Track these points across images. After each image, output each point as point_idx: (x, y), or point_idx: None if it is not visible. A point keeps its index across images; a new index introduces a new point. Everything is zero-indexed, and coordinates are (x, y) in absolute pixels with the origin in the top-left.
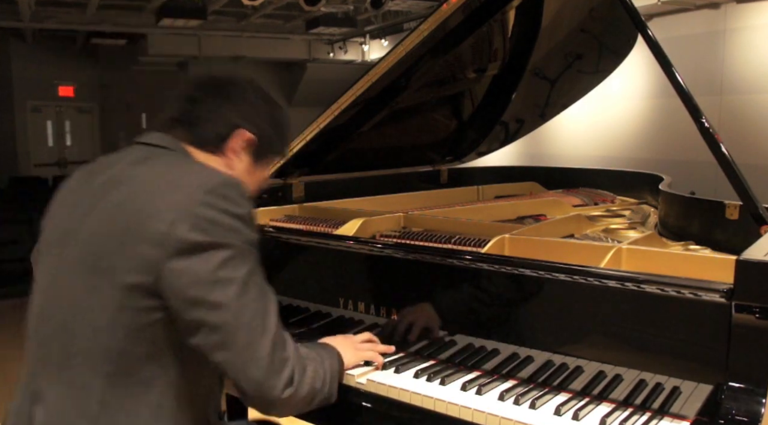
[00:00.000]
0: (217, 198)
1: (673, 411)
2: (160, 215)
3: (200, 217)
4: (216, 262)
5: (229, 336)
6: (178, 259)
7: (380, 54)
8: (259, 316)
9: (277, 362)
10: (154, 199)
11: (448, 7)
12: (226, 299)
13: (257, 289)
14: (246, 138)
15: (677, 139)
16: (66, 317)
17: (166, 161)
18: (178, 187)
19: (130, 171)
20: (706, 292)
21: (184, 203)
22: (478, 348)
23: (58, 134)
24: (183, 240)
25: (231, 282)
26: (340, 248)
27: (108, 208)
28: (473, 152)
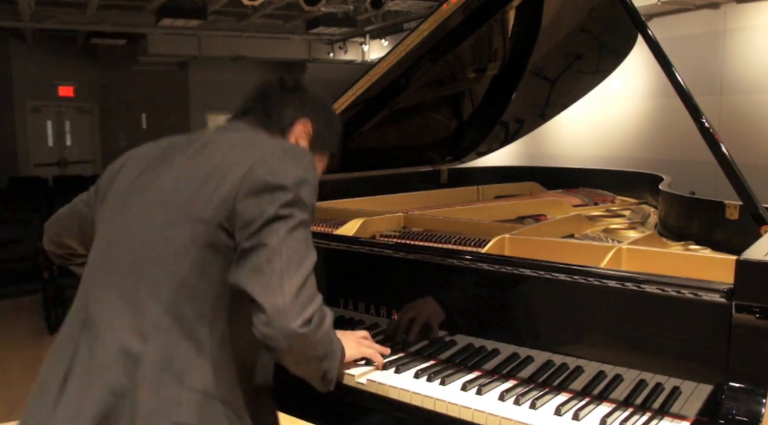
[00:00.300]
0: (292, 156)
1: (673, 411)
2: (241, 164)
3: (275, 165)
4: (280, 202)
5: (268, 260)
6: (250, 196)
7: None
8: (299, 256)
9: (302, 298)
10: (237, 153)
11: (448, 7)
12: (278, 229)
13: (305, 238)
14: (305, 126)
15: (677, 139)
16: (137, 246)
17: (248, 132)
18: (259, 146)
19: (215, 136)
20: (706, 292)
21: (262, 155)
22: (478, 348)
23: (58, 134)
24: (258, 179)
25: (288, 219)
26: (340, 248)
27: (194, 161)
28: (473, 152)
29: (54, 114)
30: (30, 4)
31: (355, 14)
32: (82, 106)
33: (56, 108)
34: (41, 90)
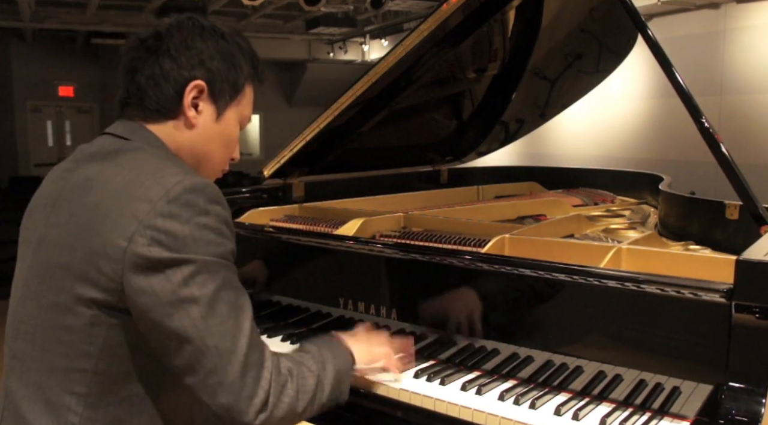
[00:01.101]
0: (180, 207)
1: (673, 411)
2: (120, 229)
3: (160, 230)
4: (177, 280)
5: (194, 361)
6: (138, 277)
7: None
8: (228, 338)
9: (248, 386)
10: (116, 209)
11: (448, 7)
12: (189, 321)
13: (226, 307)
14: (195, 87)
15: (677, 139)
16: (39, 334)
17: (130, 161)
18: (139, 196)
19: (98, 171)
20: (706, 292)
21: (144, 215)
22: (478, 348)
23: (58, 134)
24: (141, 256)
25: (194, 302)
26: (340, 248)
27: (75, 215)
28: (473, 152)
29: (54, 114)
30: (30, 4)
31: (355, 14)
32: (82, 106)
33: (56, 108)
34: (41, 90)
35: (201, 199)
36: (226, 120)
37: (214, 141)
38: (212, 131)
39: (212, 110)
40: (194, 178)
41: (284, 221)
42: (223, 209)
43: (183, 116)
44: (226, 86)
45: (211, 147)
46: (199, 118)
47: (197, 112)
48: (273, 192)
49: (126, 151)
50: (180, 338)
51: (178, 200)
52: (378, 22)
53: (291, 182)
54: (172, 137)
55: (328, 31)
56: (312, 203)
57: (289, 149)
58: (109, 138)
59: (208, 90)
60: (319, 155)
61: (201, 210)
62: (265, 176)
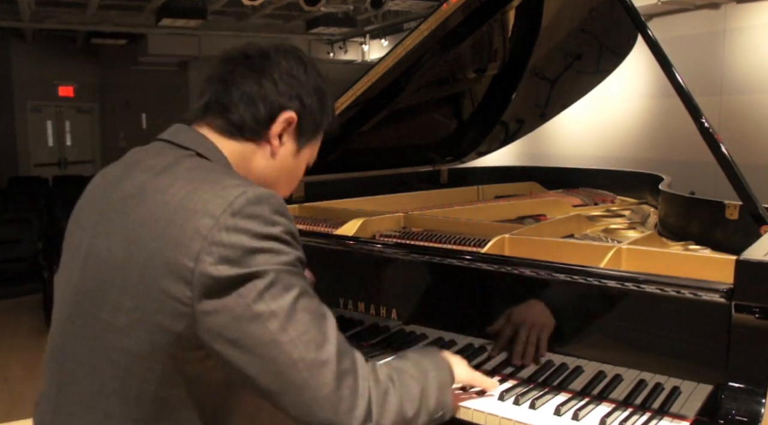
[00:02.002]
0: (245, 220)
1: (673, 411)
2: (183, 247)
3: (227, 245)
4: (252, 296)
5: (282, 378)
6: (209, 298)
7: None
8: (313, 348)
9: (346, 397)
10: (174, 224)
11: (448, 7)
12: (270, 337)
13: (307, 316)
14: (288, 119)
15: (677, 139)
16: (92, 356)
17: (186, 171)
18: (200, 210)
19: (151, 183)
20: (706, 292)
21: (208, 231)
22: (478, 347)
23: (58, 134)
24: (211, 276)
25: (272, 316)
26: (340, 248)
27: (128, 229)
28: (473, 151)
29: (54, 114)
30: (30, 4)
31: (355, 14)
32: (82, 106)
33: (56, 108)
34: (41, 90)
35: (266, 210)
36: (302, 157)
37: (285, 174)
38: (287, 164)
39: (293, 145)
40: (257, 189)
41: None
42: (288, 220)
43: (266, 143)
44: (312, 124)
45: (280, 179)
46: (280, 149)
47: (281, 143)
48: None
49: (181, 161)
50: (262, 356)
51: (242, 213)
52: (378, 22)
53: None
54: (246, 158)
55: (328, 31)
56: (312, 203)
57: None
58: (164, 145)
59: (297, 124)
60: (319, 155)
61: (267, 221)
62: None
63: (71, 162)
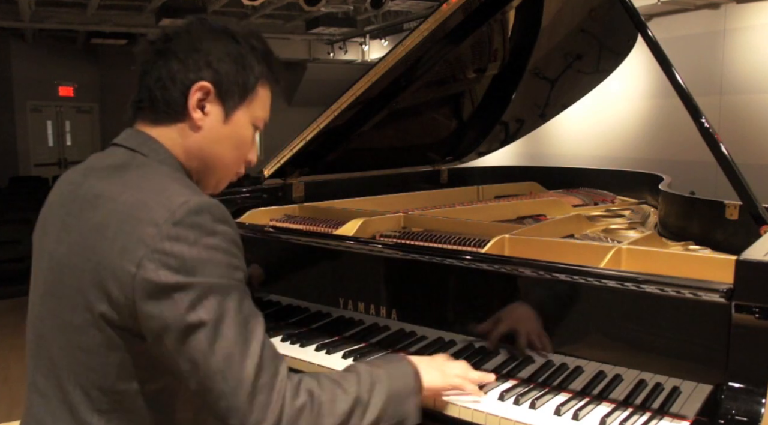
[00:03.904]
0: (186, 229)
1: (673, 411)
2: (128, 253)
3: (168, 253)
4: (185, 305)
5: (203, 385)
6: (148, 302)
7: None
8: (235, 363)
9: (256, 411)
10: (122, 232)
11: (448, 7)
12: (197, 346)
13: (235, 328)
14: (200, 88)
15: (677, 139)
16: (60, 352)
17: (137, 178)
18: (145, 218)
19: (105, 188)
20: (706, 292)
21: (151, 239)
22: (478, 348)
23: (58, 134)
24: (150, 281)
25: (202, 326)
26: (340, 248)
27: (83, 235)
28: (473, 152)
29: (54, 114)
30: (30, 4)
31: (355, 14)
32: (82, 106)
33: (56, 108)
34: (41, 90)
35: (207, 219)
36: (236, 121)
37: (223, 143)
38: (220, 132)
39: (220, 112)
40: (200, 197)
41: (284, 221)
42: (231, 228)
43: (189, 119)
44: (234, 88)
45: (220, 150)
46: (205, 120)
47: (204, 114)
48: (273, 192)
49: (133, 167)
50: (190, 363)
51: (183, 222)
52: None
53: (291, 182)
54: (180, 141)
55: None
56: (312, 203)
57: (289, 149)
58: (118, 150)
59: (215, 91)
60: (319, 155)
61: (208, 231)
62: (265, 176)
63: (71, 162)
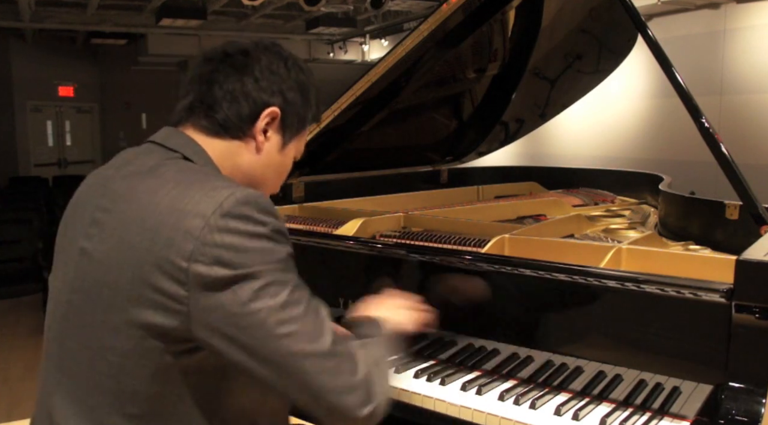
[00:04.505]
0: (235, 221)
1: (673, 411)
2: (176, 247)
3: (219, 246)
4: (246, 295)
5: (285, 370)
6: (205, 295)
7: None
8: (312, 337)
9: (347, 377)
10: (165, 225)
11: (448, 7)
12: (269, 332)
13: (302, 309)
14: (271, 114)
15: (677, 139)
16: (87, 353)
17: (175, 173)
18: (190, 210)
19: (140, 182)
20: (706, 292)
21: (199, 232)
22: (478, 347)
23: (58, 134)
24: (205, 276)
25: (269, 312)
26: (340, 248)
27: (119, 229)
28: (473, 152)
29: (54, 114)
30: (30, 4)
31: (355, 14)
32: (82, 106)
33: (56, 108)
34: (41, 90)
35: (254, 210)
36: (288, 151)
37: (272, 169)
38: (273, 159)
39: (279, 140)
40: (244, 190)
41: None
42: (276, 219)
43: (251, 140)
44: (296, 119)
45: (268, 174)
46: (265, 144)
47: (266, 138)
48: None
49: (169, 163)
50: (263, 350)
51: (231, 213)
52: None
53: (291, 182)
54: (232, 156)
55: (328, 31)
56: (312, 203)
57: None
58: (154, 147)
59: (281, 119)
60: (319, 155)
61: (256, 221)
62: None
63: (71, 162)
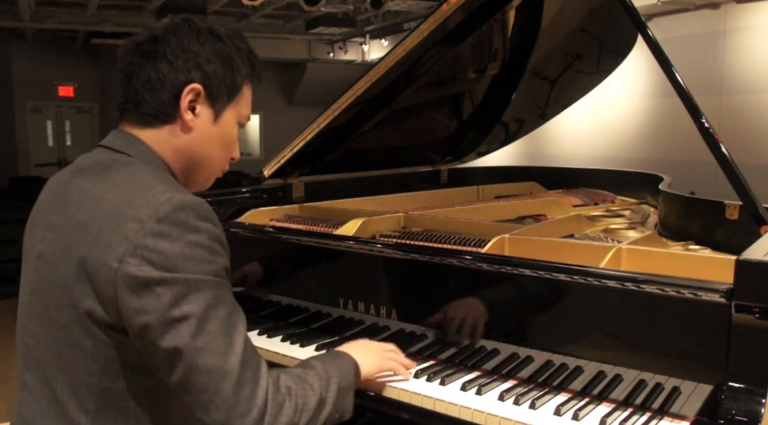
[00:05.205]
0: (169, 226)
1: (673, 411)
2: (111, 249)
3: (151, 249)
4: (168, 300)
5: (186, 379)
6: (131, 297)
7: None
8: (219, 356)
9: (241, 403)
10: (106, 229)
11: (448, 7)
12: (180, 340)
13: (218, 324)
14: (191, 90)
15: (677, 139)
16: (47, 351)
17: (122, 177)
18: (130, 215)
19: (91, 187)
20: (706, 292)
21: (134, 235)
22: (478, 348)
23: (58, 134)
24: (132, 276)
25: (185, 321)
26: (340, 248)
27: (68, 233)
28: (473, 152)
29: (54, 114)
30: (30, 4)
31: (355, 14)
32: (82, 106)
33: (56, 108)
34: (41, 90)
35: (191, 216)
36: (225, 121)
37: (213, 143)
38: (210, 133)
39: (210, 113)
40: (184, 195)
41: (284, 221)
42: (214, 226)
43: (180, 120)
44: (223, 88)
45: (210, 149)
46: (196, 121)
47: (194, 115)
48: (273, 192)
49: (119, 166)
50: (172, 357)
51: (167, 219)
52: (378, 22)
53: (291, 182)
54: (170, 142)
55: (328, 31)
56: (312, 203)
57: (289, 149)
58: (104, 151)
59: (205, 93)
60: (319, 155)
61: (191, 228)
62: (265, 176)
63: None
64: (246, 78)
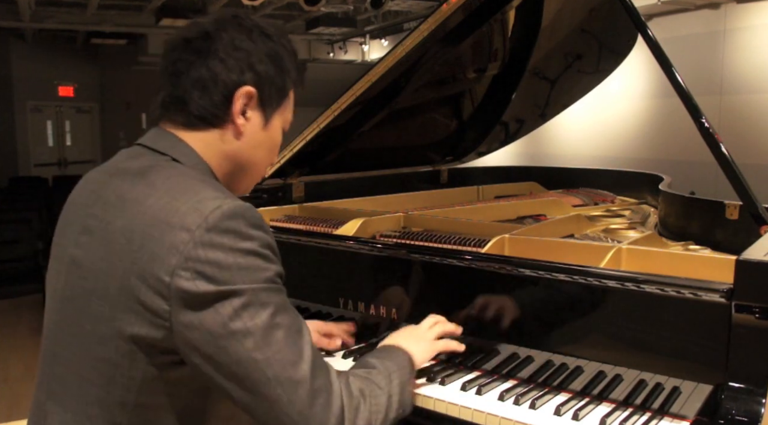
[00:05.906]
0: (220, 235)
1: (673, 411)
2: (161, 261)
3: (203, 261)
4: (228, 313)
5: (256, 394)
6: (186, 312)
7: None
8: (289, 365)
9: (318, 413)
10: (152, 238)
11: (448, 7)
12: (246, 354)
13: (282, 333)
14: (246, 94)
15: (677, 139)
16: (77, 362)
17: (164, 180)
18: (176, 223)
19: (130, 190)
20: (706, 292)
21: (184, 246)
22: (478, 348)
23: (58, 134)
24: (187, 291)
25: (248, 334)
26: (340, 248)
27: (107, 239)
28: (473, 152)
29: (54, 114)
30: (30, 4)
31: (355, 14)
32: (82, 106)
33: (56, 108)
34: (41, 90)
35: (242, 224)
36: (273, 126)
37: (261, 148)
38: (259, 138)
39: (260, 117)
40: (233, 202)
41: (284, 221)
42: (265, 233)
43: (231, 125)
44: (274, 91)
45: (257, 155)
46: (247, 126)
47: (245, 119)
48: (273, 192)
49: (159, 168)
50: (237, 372)
51: (218, 227)
52: (378, 22)
53: (291, 182)
54: (217, 147)
55: (328, 31)
56: (312, 203)
57: (289, 148)
58: (144, 151)
59: (257, 96)
60: (319, 155)
61: (243, 236)
62: (265, 176)
63: (71, 162)
64: (294, 82)
